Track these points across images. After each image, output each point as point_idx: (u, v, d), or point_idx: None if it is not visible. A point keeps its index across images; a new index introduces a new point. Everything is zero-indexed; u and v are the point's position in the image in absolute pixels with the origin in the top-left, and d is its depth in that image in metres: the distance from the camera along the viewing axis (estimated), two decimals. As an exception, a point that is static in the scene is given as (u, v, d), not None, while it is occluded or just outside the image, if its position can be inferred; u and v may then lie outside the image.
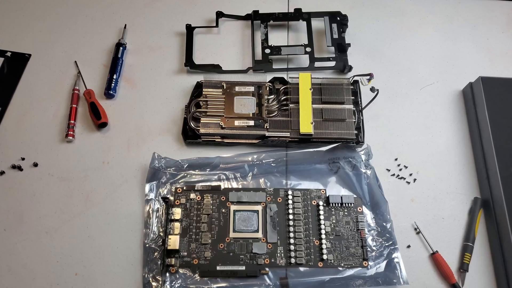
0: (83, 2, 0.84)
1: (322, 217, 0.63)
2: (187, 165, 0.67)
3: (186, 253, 0.61)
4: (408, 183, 0.69)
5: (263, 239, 0.62)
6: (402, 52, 0.81)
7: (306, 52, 0.76)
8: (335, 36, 0.78)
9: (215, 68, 0.76)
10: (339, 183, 0.67)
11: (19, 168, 0.68)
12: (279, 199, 0.65)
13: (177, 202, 0.64)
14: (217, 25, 0.81)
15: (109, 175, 0.68)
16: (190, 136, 0.70)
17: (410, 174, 0.70)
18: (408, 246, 0.64)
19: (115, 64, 0.76)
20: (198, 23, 0.81)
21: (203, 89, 0.72)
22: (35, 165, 0.69)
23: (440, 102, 0.76)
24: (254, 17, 0.80)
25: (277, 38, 0.81)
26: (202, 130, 0.68)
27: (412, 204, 0.67)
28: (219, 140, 0.70)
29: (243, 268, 0.60)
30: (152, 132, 0.72)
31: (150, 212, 0.64)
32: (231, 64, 0.78)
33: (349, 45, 0.77)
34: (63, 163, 0.69)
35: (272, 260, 0.61)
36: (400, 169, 0.70)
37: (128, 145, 0.71)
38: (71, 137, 0.70)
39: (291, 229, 0.62)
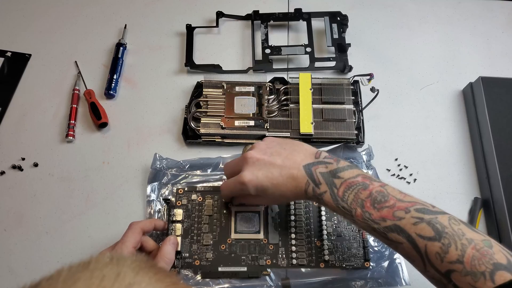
0: (83, 2, 0.84)
1: (323, 217, 0.63)
2: (189, 165, 0.67)
3: (187, 254, 0.61)
4: (408, 183, 0.69)
5: (265, 240, 0.62)
6: (402, 52, 0.81)
7: (306, 52, 0.76)
8: (335, 36, 0.78)
9: (215, 68, 0.76)
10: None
11: (19, 168, 0.68)
12: (280, 200, 0.65)
13: (179, 203, 0.64)
14: (217, 25, 0.81)
15: (110, 175, 0.68)
16: (190, 136, 0.70)
17: (410, 174, 0.70)
18: (409, 246, 0.64)
19: (115, 64, 0.76)
20: (198, 23, 0.81)
21: (203, 89, 0.72)
22: (35, 165, 0.69)
23: (440, 102, 0.76)
24: (254, 17, 0.80)
25: (277, 38, 0.81)
26: (202, 130, 0.68)
27: (413, 204, 0.67)
28: (220, 140, 0.70)
29: (245, 269, 0.60)
30: (152, 132, 0.72)
31: (152, 213, 0.64)
32: (231, 64, 0.78)
33: (349, 45, 0.77)
34: (63, 163, 0.69)
35: (274, 261, 0.61)
36: (400, 169, 0.70)
37: (128, 145, 0.71)
38: (71, 137, 0.70)
39: (293, 230, 0.62)
